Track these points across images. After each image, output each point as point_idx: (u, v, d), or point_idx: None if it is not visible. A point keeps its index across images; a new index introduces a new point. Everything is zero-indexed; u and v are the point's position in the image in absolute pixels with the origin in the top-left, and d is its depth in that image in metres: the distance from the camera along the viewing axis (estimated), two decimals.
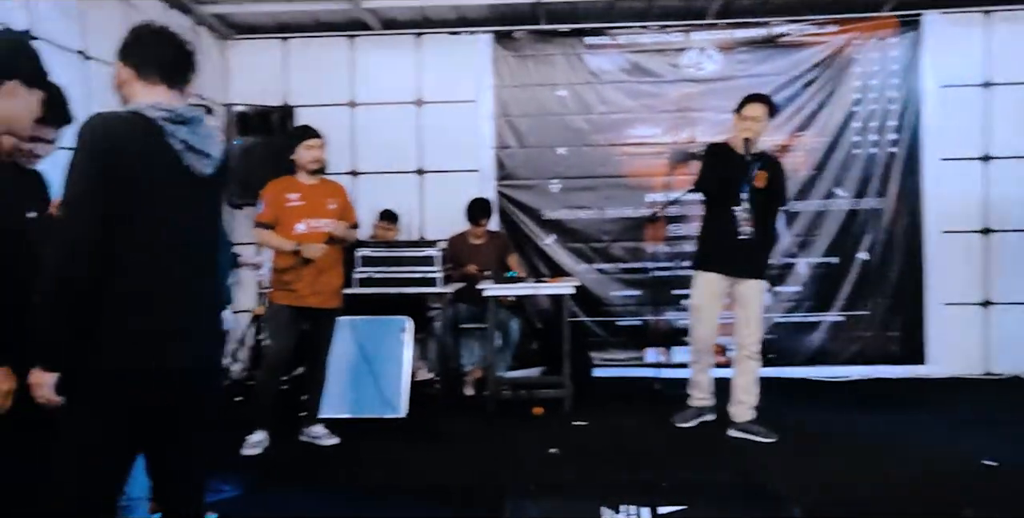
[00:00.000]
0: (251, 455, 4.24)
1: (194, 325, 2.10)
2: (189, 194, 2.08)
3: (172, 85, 2.12)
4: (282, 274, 4.37)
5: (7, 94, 2.21)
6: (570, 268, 6.21)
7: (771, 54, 6.07)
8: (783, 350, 6.06)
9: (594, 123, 6.23)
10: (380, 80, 6.37)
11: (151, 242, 2.00)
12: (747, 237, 4.33)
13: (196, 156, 2.07)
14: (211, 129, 2.16)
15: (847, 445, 4.29)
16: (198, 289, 2.12)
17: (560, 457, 4.15)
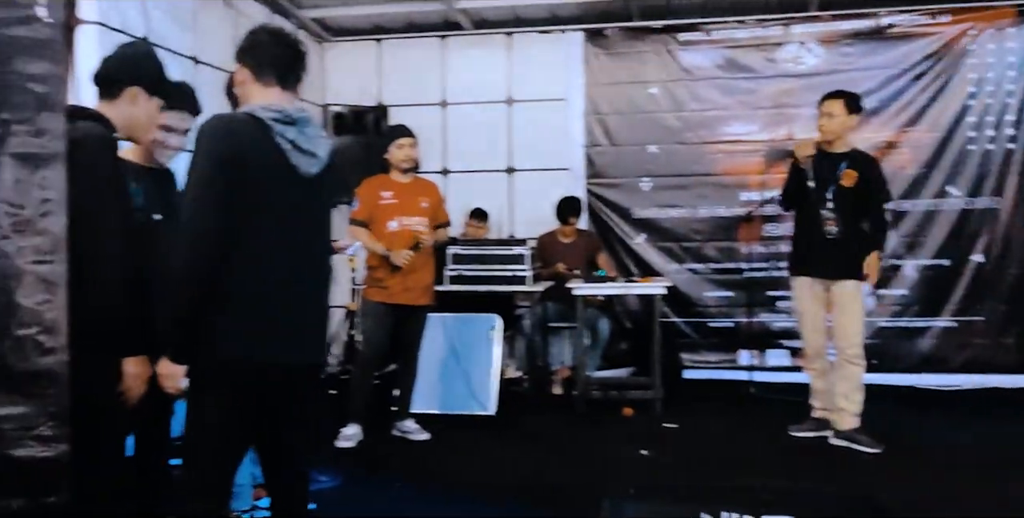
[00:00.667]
0: (345, 447, 4.32)
1: (300, 322, 2.14)
2: (296, 193, 2.12)
3: (285, 86, 2.17)
4: (374, 272, 4.43)
5: (129, 100, 2.32)
6: (660, 268, 6.11)
7: (877, 46, 5.82)
8: (887, 356, 5.78)
9: (686, 120, 6.11)
10: (471, 79, 6.41)
11: (261, 240, 2.06)
12: (834, 237, 4.22)
13: (302, 156, 2.10)
14: (318, 129, 2.20)
15: (959, 458, 4.07)
16: (306, 288, 2.17)
17: (652, 459, 4.08)
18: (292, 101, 2.18)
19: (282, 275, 2.10)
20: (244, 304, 2.04)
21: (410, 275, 4.38)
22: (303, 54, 2.21)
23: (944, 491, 3.53)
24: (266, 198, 2.07)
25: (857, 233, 4.27)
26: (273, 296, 2.09)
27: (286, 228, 2.11)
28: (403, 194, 4.45)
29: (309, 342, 2.19)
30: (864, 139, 5.77)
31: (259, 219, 2.06)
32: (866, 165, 4.30)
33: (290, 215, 2.11)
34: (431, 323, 4.77)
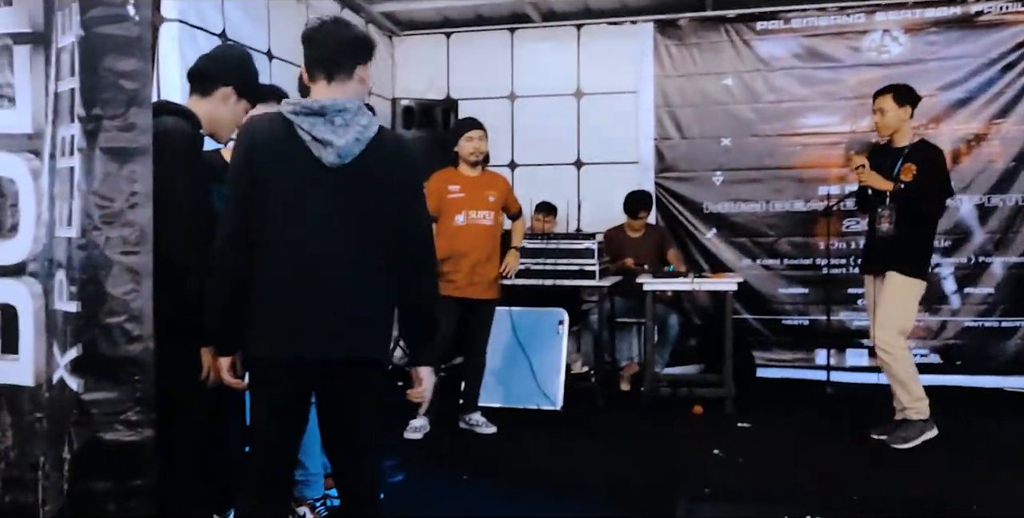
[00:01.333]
0: (413, 439, 4.34)
1: (330, 316, 2.08)
2: (322, 185, 2.08)
3: (332, 79, 2.15)
4: (441, 265, 4.43)
5: (220, 99, 2.39)
6: (732, 263, 5.97)
7: (966, 34, 5.56)
8: (972, 357, 5.57)
9: (762, 112, 5.94)
10: (540, 72, 6.36)
11: (282, 234, 2.07)
12: (886, 233, 4.21)
13: (320, 146, 2.06)
14: (357, 118, 2.10)
15: None
16: (332, 282, 2.08)
17: (725, 459, 3.98)
18: (345, 92, 2.14)
19: (296, 270, 2.08)
20: (263, 301, 2.09)
21: (476, 269, 4.39)
22: (350, 40, 2.17)
23: None
24: (286, 192, 2.08)
25: (914, 228, 4.17)
26: (289, 292, 2.08)
27: (307, 220, 2.08)
28: (471, 188, 4.45)
29: (342, 336, 2.10)
30: (951, 131, 5.60)
31: (279, 214, 2.08)
32: (923, 156, 4.17)
33: (312, 207, 2.08)
34: (498, 316, 4.76)
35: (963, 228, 5.62)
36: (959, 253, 5.63)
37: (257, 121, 2.16)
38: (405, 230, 2.15)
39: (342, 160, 2.07)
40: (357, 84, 2.19)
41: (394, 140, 2.22)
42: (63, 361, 1.91)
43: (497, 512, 3.29)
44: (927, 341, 5.66)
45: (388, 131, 2.22)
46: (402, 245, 2.15)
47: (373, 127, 2.12)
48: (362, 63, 2.19)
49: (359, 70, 2.19)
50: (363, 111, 2.13)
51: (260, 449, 2.18)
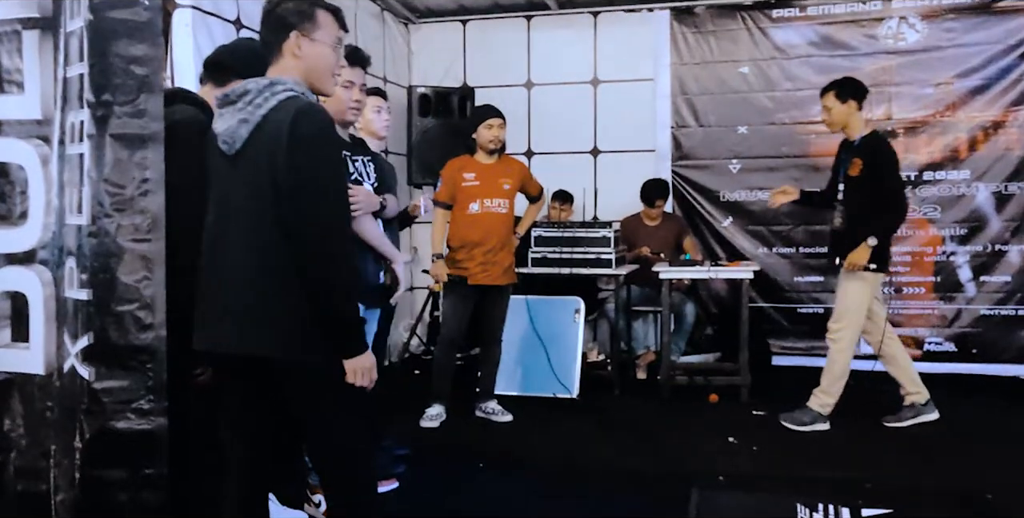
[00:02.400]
0: (429, 427, 4.36)
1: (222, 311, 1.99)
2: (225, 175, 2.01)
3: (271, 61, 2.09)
4: (454, 252, 4.45)
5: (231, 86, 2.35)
6: (748, 252, 5.94)
7: (984, 21, 5.47)
8: (989, 345, 5.52)
9: (778, 101, 5.89)
10: (556, 60, 6.33)
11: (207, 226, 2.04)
12: (837, 228, 4.33)
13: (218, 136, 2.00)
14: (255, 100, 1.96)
15: None
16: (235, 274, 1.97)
17: (740, 447, 3.98)
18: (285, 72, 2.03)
19: (207, 263, 2.03)
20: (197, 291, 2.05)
21: (489, 256, 4.39)
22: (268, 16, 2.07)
23: None
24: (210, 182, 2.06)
25: (861, 222, 4.19)
26: (205, 283, 2.03)
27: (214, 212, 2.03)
28: (485, 176, 4.45)
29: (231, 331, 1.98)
30: (968, 119, 5.53)
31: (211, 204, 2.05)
32: (870, 150, 4.20)
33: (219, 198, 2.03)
34: (514, 305, 4.77)
35: (979, 216, 5.56)
36: (975, 241, 5.57)
37: None
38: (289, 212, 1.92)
39: (231, 147, 1.97)
40: (290, 60, 2.04)
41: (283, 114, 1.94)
42: (74, 349, 1.90)
43: (513, 500, 3.30)
44: (942, 330, 5.62)
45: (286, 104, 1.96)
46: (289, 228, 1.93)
47: (268, 105, 1.94)
48: (285, 37, 2.03)
49: (287, 44, 2.03)
50: (268, 89, 1.96)
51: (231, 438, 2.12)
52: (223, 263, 1.99)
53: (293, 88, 1.99)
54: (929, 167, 5.62)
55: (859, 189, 4.20)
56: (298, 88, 2.01)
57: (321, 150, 1.96)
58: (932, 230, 5.63)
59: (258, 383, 2.03)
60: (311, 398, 2.01)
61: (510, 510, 3.19)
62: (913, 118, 5.64)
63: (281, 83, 1.98)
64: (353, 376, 1.99)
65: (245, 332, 1.96)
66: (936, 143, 5.60)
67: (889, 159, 4.24)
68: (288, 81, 2.00)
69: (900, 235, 5.64)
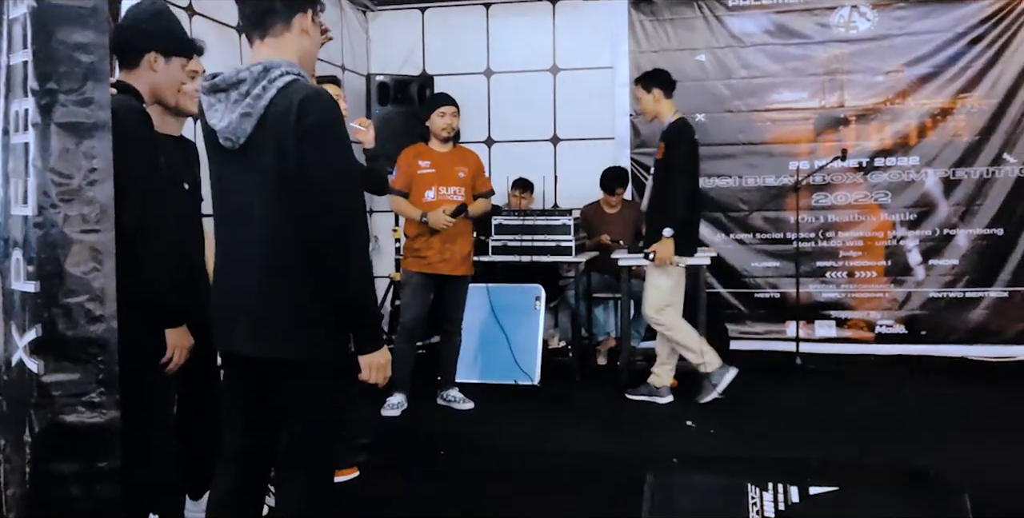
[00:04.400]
0: (390, 416, 4.38)
1: (232, 312, 1.98)
2: (229, 171, 1.97)
3: (264, 34, 1.96)
4: (412, 241, 4.46)
5: (147, 67, 2.27)
6: (706, 238, 5.99)
7: (933, 9, 5.59)
8: (937, 327, 5.67)
9: (735, 88, 5.96)
10: (515, 48, 6.33)
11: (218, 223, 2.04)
12: (645, 210, 4.68)
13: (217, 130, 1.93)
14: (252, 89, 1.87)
15: (1014, 430, 3.97)
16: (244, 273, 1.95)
17: (697, 430, 4.06)
18: (281, 51, 1.94)
19: (222, 263, 2.02)
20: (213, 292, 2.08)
21: (448, 245, 4.40)
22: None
23: (1007, 465, 3.45)
24: (212, 173, 2.03)
25: (659, 205, 4.45)
26: (217, 281, 2.04)
27: (222, 213, 2.00)
28: (441, 163, 4.46)
29: (246, 333, 1.95)
30: (918, 105, 5.66)
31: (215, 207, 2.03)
32: (670, 135, 4.44)
33: (227, 197, 1.98)
34: (475, 293, 4.79)
35: (929, 201, 5.70)
36: (924, 225, 5.71)
37: None
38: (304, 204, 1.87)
39: (235, 143, 1.90)
40: (297, 37, 1.96)
41: (286, 102, 1.85)
42: (21, 343, 1.86)
43: (473, 487, 3.32)
44: (893, 313, 5.77)
45: (287, 91, 1.87)
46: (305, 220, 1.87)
47: (268, 95, 1.86)
48: (303, 10, 1.95)
49: (300, 19, 1.95)
50: (264, 77, 1.87)
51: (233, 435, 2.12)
52: (234, 263, 1.96)
53: (289, 71, 1.89)
54: (880, 153, 5.74)
55: (660, 173, 4.45)
56: (294, 70, 1.90)
57: (332, 137, 1.88)
58: (883, 215, 5.77)
59: (264, 380, 2.01)
60: (310, 395, 1.96)
61: (469, 497, 3.22)
62: (865, 105, 5.75)
63: (276, 67, 1.88)
64: (368, 372, 1.95)
65: (258, 334, 1.93)
66: (887, 130, 5.72)
67: (681, 147, 4.41)
68: (282, 63, 1.89)
69: (853, 220, 5.79)
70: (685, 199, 4.36)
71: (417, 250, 4.43)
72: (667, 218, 4.36)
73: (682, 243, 4.38)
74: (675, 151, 4.40)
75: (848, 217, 5.82)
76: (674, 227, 4.33)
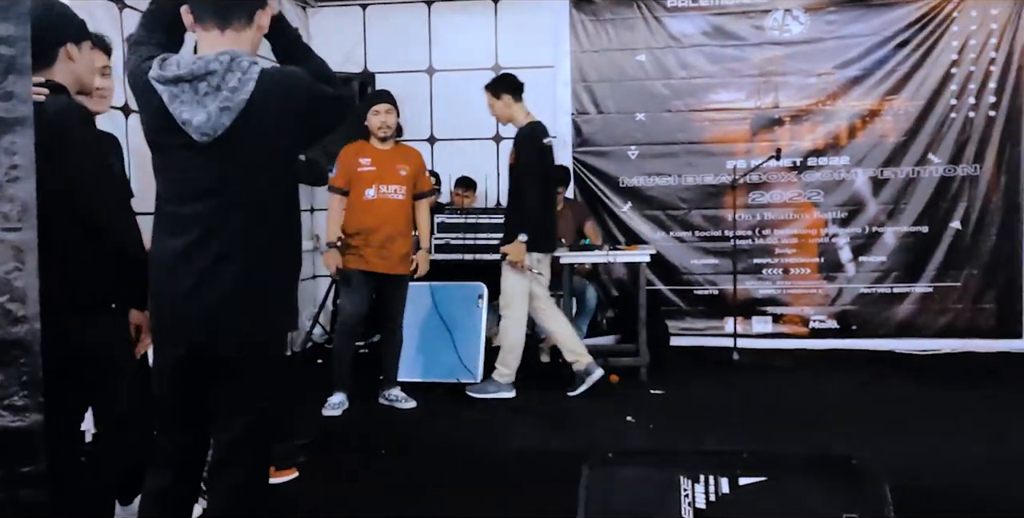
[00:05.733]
0: (331, 416, 4.36)
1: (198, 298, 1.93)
2: (197, 164, 1.89)
3: (226, 25, 1.90)
4: (351, 238, 4.42)
5: (65, 59, 2.21)
6: (647, 236, 6.13)
7: (862, 14, 5.78)
8: (867, 321, 5.88)
9: (674, 88, 6.07)
10: (458, 46, 6.34)
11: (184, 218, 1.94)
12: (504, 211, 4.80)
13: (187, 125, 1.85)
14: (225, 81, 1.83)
15: (937, 420, 4.15)
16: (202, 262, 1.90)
17: (637, 426, 4.14)
18: (241, 44, 1.89)
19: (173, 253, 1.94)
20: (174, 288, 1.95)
21: (387, 244, 4.38)
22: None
23: (925, 453, 3.60)
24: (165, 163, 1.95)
25: (512, 207, 4.59)
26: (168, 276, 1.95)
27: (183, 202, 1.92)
28: (381, 161, 4.43)
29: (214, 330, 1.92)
30: (848, 107, 5.84)
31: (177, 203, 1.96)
32: (518, 140, 4.58)
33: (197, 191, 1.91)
34: (418, 291, 4.80)
35: (858, 200, 5.90)
36: (854, 223, 5.91)
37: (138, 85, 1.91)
38: None
39: (211, 136, 1.85)
40: (254, 32, 1.93)
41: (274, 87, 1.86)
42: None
43: (412, 486, 3.33)
44: (826, 308, 5.96)
45: (265, 77, 1.86)
46: None
47: (247, 88, 1.83)
48: (262, 7, 1.93)
49: (258, 15, 1.93)
50: (235, 66, 1.83)
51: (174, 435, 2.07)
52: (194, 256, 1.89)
53: (255, 60, 1.86)
54: (813, 153, 5.92)
55: (514, 178, 4.57)
56: (255, 59, 1.88)
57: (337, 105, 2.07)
58: (816, 213, 5.95)
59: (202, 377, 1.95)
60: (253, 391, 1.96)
61: (407, 496, 3.23)
62: (798, 106, 5.92)
63: (241, 57, 1.84)
64: None
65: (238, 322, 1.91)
66: (819, 130, 5.90)
67: (530, 152, 4.53)
68: (243, 53, 1.87)
69: (787, 218, 5.96)
70: (536, 202, 4.50)
71: (356, 248, 4.41)
72: (520, 221, 4.48)
73: (535, 241, 4.52)
74: (524, 156, 4.52)
75: (783, 215, 5.99)
76: (527, 230, 4.45)
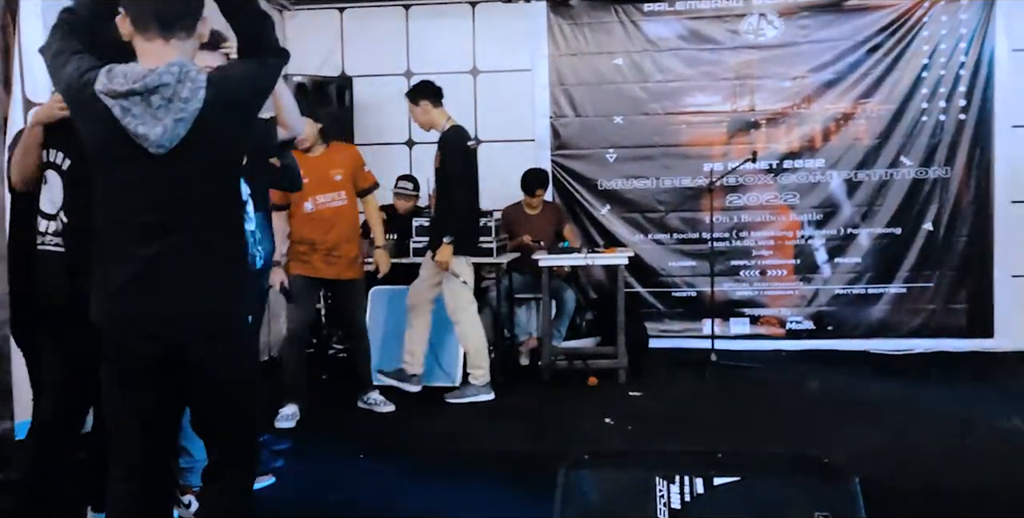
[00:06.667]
0: (285, 427, 4.20)
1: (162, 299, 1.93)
2: (145, 171, 1.86)
3: (170, 36, 1.87)
4: (298, 244, 4.36)
5: None
6: (625, 238, 6.16)
7: (835, 19, 5.86)
8: (842, 322, 5.95)
9: (651, 92, 6.11)
10: (435, 50, 6.34)
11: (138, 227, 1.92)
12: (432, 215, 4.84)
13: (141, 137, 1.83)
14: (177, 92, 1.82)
15: (909, 418, 4.22)
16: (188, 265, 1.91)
17: (615, 427, 4.17)
18: (185, 54, 1.88)
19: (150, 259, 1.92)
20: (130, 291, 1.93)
21: (333, 252, 4.32)
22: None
23: (896, 450, 3.67)
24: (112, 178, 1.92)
25: (440, 210, 4.64)
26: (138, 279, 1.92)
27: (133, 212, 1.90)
28: (313, 171, 4.22)
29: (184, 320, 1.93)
30: (822, 111, 5.92)
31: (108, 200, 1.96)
32: (442, 143, 4.63)
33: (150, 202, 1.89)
34: (397, 295, 4.79)
35: (833, 202, 5.97)
36: (830, 225, 5.98)
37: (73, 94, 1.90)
38: None
39: (167, 148, 1.84)
40: (195, 42, 1.94)
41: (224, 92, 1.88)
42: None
43: (391, 490, 3.35)
44: (802, 309, 6.03)
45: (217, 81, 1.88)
46: None
47: (198, 97, 1.82)
48: (203, 18, 1.93)
49: (200, 25, 1.92)
50: (186, 77, 1.82)
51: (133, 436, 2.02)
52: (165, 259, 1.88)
53: (200, 69, 1.87)
54: (788, 156, 5.98)
55: (440, 181, 4.62)
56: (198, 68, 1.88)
57: None
58: (792, 215, 6.01)
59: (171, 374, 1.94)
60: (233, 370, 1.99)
61: (386, 500, 3.24)
62: (774, 110, 5.98)
63: (187, 66, 1.84)
64: None
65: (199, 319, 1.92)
66: (794, 133, 5.97)
67: (453, 155, 4.59)
68: (188, 62, 1.86)
69: (764, 220, 6.02)
70: (462, 204, 4.56)
71: (302, 253, 4.33)
72: (446, 224, 4.52)
73: (462, 243, 4.56)
74: (448, 159, 4.56)
75: (760, 217, 6.05)
76: (453, 233, 4.48)
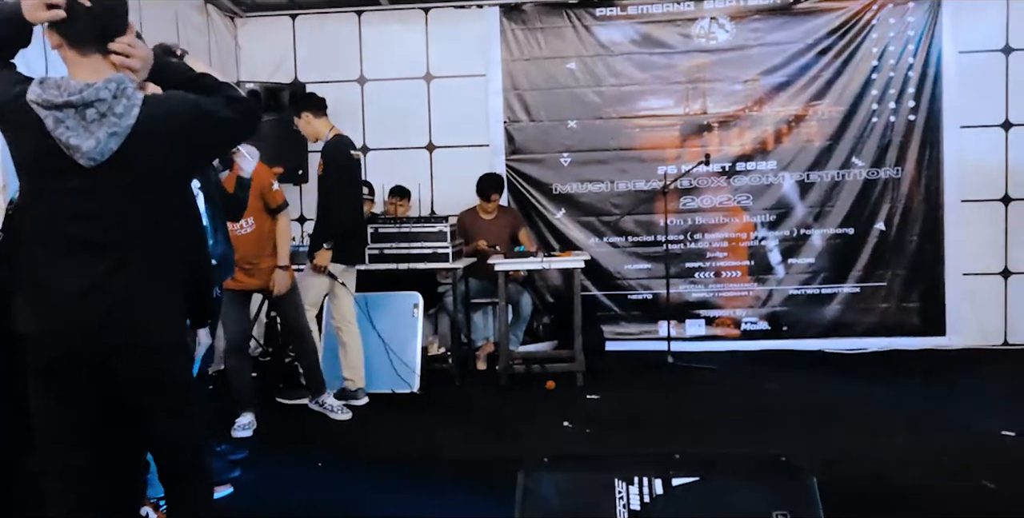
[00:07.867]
0: (243, 437, 4.15)
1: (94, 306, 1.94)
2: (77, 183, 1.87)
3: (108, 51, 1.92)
4: None
5: None
6: (581, 242, 6.17)
7: (785, 22, 5.94)
8: (797, 322, 6.02)
9: (604, 96, 6.14)
10: (389, 55, 6.31)
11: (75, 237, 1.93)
12: None
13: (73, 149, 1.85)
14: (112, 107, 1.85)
15: (864, 417, 4.26)
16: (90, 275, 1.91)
17: (573, 430, 4.16)
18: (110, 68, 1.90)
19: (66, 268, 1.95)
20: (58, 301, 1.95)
21: (248, 269, 4.22)
22: None
23: (851, 448, 3.70)
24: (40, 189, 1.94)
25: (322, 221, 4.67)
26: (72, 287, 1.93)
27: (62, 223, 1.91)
28: None
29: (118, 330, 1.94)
30: (774, 113, 5.99)
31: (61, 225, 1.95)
32: (325, 152, 4.68)
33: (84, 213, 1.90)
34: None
35: (786, 203, 6.04)
36: (783, 226, 6.05)
37: None
38: None
39: (98, 161, 1.86)
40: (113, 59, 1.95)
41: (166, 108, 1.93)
42: None
43: (349, 498, 3.30)
44: (757, 310, 6.09)
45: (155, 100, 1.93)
46: None
47: (132, 113, 1.86)
48: (130, 28, 1.96)
49: (129, 35, 1.95)
50: (121, 93, 1.86)
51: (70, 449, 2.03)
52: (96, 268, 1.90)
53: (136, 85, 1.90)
54: (741, 158, 6.04)
55: (321, 190, 4.67)
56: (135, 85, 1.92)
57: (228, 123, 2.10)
58: (745, 217, 6.07)
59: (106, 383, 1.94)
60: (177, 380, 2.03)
61: (345, 508, 3.20)
62: (726, 112, 6.04)
63: (124, 82, 1.87)
64: None
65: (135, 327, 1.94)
66: (747, 136, 6.03)
67: (335, 164, 4.63)
68: (124, 78, 1.89)
69: (718, 223, 6.07)
70: (342, 212, 4.60)
71: None
72: (325, 230, 4.58)
73: (341, 251, 4.61)
74: (329, 168, 4.60)
75: (714, 219, 6.10)
76: (332, 239, 4.54)
